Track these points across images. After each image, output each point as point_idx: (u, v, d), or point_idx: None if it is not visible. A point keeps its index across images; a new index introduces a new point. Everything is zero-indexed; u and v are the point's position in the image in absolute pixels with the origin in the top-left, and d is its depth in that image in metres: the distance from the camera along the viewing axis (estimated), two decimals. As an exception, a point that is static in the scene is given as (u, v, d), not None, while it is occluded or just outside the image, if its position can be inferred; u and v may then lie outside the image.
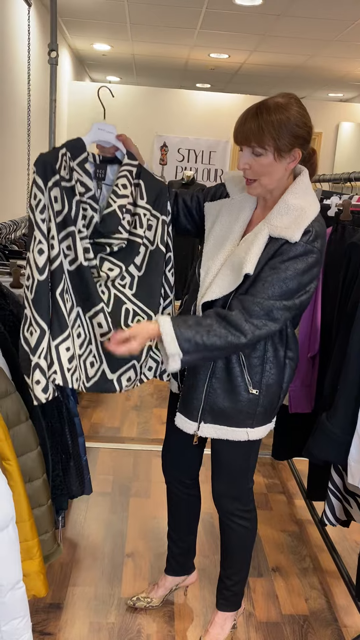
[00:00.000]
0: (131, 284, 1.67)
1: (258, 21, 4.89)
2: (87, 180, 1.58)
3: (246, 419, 1.66)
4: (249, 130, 1.48)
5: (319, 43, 5.46)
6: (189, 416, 1.69)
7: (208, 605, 2.08)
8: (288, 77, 7.06)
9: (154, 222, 1.69)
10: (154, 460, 3.04)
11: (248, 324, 1.48)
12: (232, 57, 6.33)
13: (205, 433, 1.69)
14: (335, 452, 1.82)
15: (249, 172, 1.54)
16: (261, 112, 1.47)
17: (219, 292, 1.56)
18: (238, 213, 1.64)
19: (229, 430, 1.67)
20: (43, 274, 1.53)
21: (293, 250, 1.49)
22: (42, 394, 1.56)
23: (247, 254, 1.52)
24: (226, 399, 1.63)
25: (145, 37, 5.81)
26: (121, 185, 1.63)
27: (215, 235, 1.65)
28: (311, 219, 1.51)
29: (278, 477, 3.02)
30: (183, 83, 8.23)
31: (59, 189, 1.53)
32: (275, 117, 1.46)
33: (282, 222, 1.51)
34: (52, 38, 3.38)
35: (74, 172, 1.56)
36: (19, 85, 4.16)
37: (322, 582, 2.26)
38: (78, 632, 1.92)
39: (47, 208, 1.53)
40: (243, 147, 1.52)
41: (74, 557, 2.28)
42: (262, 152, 1.49)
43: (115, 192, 1.62)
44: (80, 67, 7.73)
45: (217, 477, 1.80)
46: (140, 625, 1.97)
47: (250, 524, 1.83)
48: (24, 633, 1.44)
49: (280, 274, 1.49)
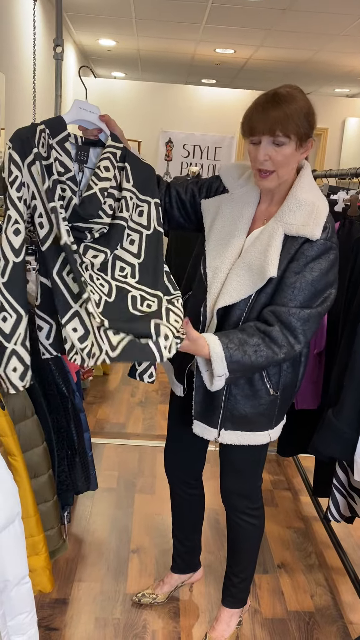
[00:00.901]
0: (133, 273, 1.57)
1: (264, 16, 4.86)
2: (66, 160, 1.48)
3: (268, 422, 1.65)
4: (274, 118, 1.41)
5: (325, 38, 5.42)
6: (208, 423, 1.64)
7: (213, 602, 2.08)
8: (294, 72, 7.02)
9: (144, 207, 1.59)
10: (159, 457, 3.04)
11: (287, 341, 1.48)
12: (238, 53, 6.30)
13: (227, 440, 1.65)
14: (340, 449, 1.82)
15: (269, 164, 1.47)
16: (281, 101, 1.42)
17: (236, 296, 1.52)
18: (241, 209, 1.60)
19: (251, 435, 1.64)
20: (19, 256, 1.44)
21: (314, 248, 1.47)
22: (19, 382, 1.46)
23: (266, 257, 1.48)
24: (247, 404, 1.60)
25: (151, 33, 5.79)
26: (103, 167, 1.53)
27: (218, 233, 1.60)
28: (326, 214, 1.49)
29: (283, 474, 3.02)
30: (188, 79, 8.20)
31: (39, 163, 1.43)
32: (296, 105, 1.43)
33: (296, 219, 1.49)
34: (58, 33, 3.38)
35: (52, 150, 1.46)
36: (24, 81, 4.15)
37: (327, 579, 2.25)
38: (84, 627, 1.93)
39: (27, 186, 1.44)
40: (262, 138, 1.45)
41: (80, 553, 2.29)
42: (285, 142, 1.44)
43: (97, 175, 1.52)
44: (85, 62, 7.71)
45: (227, 476, 1.78)
46: (146, 621, 1.97)
47: (258, 522, 1.82)
48: (30, 628, 1.44)
49: (307, 276, 1.47)
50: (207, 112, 7.51)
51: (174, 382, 1.77)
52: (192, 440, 1.83)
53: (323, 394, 2.17)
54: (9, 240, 1.43)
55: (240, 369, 1.48)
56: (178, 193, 1.68)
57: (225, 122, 7.50)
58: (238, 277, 1.52)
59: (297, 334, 1.48)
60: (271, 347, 1.47)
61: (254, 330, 1.49)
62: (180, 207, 1.69)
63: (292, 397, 1.69)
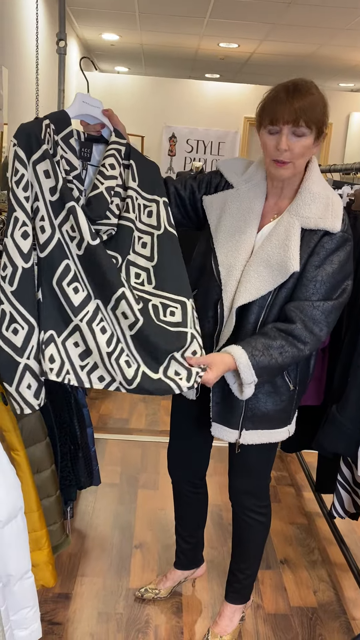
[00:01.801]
0: (149, 279, 1.49)
1: (268, 9, 4.84)
2: (72, 158, 1.40)
3: (287, 417, 1.65)
4: (299, 108, 1.39)
5: (329, 32, 5.39)
6: (228, 424, 1.62)
7: (216, 597, 2.08)
8: (298, 66, 7.00)
9: (153, 207, 1.53)
10: (162, 452, 3.03)
11: (312, 335, 1.48)
12: (242, 47, 6.28)
13: (248, 440, 1.63)
14: (345, 445, 1.81)
15: (288, 154, 1.44)
16: (304, 91, 1.41)
17: (256, 293, 1.50)
18: (249, 204, 1.57)
19: (272, 432, 1.64)
20: (28, 262, 1.33)
21: (334, 241, 1.48)
22: (35, 400, 1.37)
23: (287, 251, 1.47)
24: (268, 401, 1.59)
25: (154, 27, 5.76)
26: (109, 165, 1.45)
27: (227, 230, 1.57)
28: (342, 206, 1.49)
29: (287, 470, 3.02)
30: (192, 73, 8.17)
31: (49, 161, 1.34)
32: (317, 96, 1.42)
33: (312, 212, 1.48)
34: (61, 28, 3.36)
35: (58, 147, 1.38)
36: (27, 75, 4.14)
37: (330, 575, 2.25)
38: (86, 622, 1.93)
39: (31, 186, 1.34)
40: (284, 127, 1.41)
41: (82, 548, 2.29)
42: (306, 133, 1.42)
43: (103, 173, 1.44)
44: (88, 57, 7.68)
45: (238, 474, 1.76)
46: (149, 616, 1.97)
47: (265, 519, 1.82)
48: (33, 622, 1.45)
49: (327, 269, 1.47)
50: (210, 106, 7.49)
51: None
52: (199, 441, 1.83)
53: (326, 390, 2.16)
54: (17, 244, 1.32)
55: (268, 373, 1.49)
56: (177, 189, 1.65)
57: (228, 117, 7.48)
58: (256, 274, 1.50)
59: (322, 326, 1.49)
60: (296, 345, 1.48)
61: (276, 332, 1.48)
62: (179, 204, 1.65)
63: (306, 389, 1.70)
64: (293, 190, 1.55)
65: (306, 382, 1.68)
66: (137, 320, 1.38)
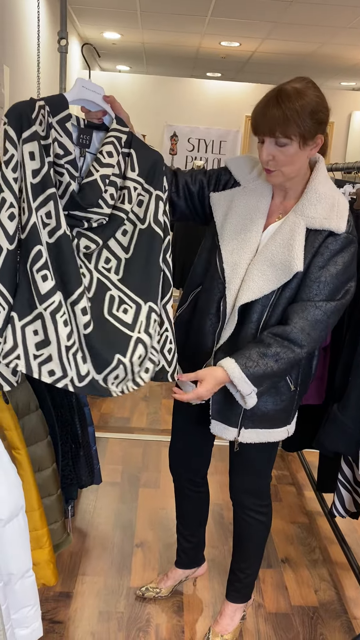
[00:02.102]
0: (117, 268, 1.45)
1: (270, 8, 4.83)
2: (66, 142, 1.36)
3: (286, 417, 1.65)
4: (272, 120, 1.39)
5: (331, 30, 5.38)
6: (227, 422, 1.63)
7: (217, 596, 2.08)
8: (300, 65, 6.98)
9: (145, 198, 1.48)
10: (164, 451, 3.04)
11: (308, 337, 1.47)
12: (244, 45, 6.27)
13: (247, 439, 1.63)
14: (346, 444, 1.81)
15: (272, 164, 1.46)
16: (282, 100, 1.38)
17: (259, 292, 1.50)
18: (256, 203, 1.57)
19: (271, 432, 1.64)
20: (13, 243, 1.31)
21: (338, 242, 1.47)
22: (12, 377, 1.38)
23: (291, 251, 1.47)
24: (268, 401, 1.59)
25: (156, 26, 5.76)
26: (106, 152, 1.42)
27: (233, 228, 1.57)
28: (347, 207, 1.49)
29: (288, 469, 3.01)
30: (193, 72, 8.16)
31: (37, 143, 1.31)
32: (298, 103, 1.38)
33: (317, 213, 1.47)
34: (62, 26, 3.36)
35: (51, 130, 1.34)
36: (29, 74, 4.14)
37: (331, 574, 2.25)
38: (87, 621, 1.93)
39: (20, 165, 1.31)
40: (265, 138, 1.44)
41: (84, 547, 2.29)
42: (287, 142, 1.41)
43: (99, 160, 1.41)
44: (89, 56, 7.68)
45: (239, 474, 1.76)
46: (150, 615, 1.97)
47: (266, 518, 1.82)
48: (34, 621, 1.45)
49: (331, 270, 1.47)
50: (212, 105, 7.49)
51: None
52: (201, 439, 1.83)
53: (328, 389, 2.16)
54: (3, 226, 1.30)
55: (267, 381, 1.49)
56: (187, 183, 1.63)
57: (230, 116, 7.48)
58: (260, 273, 1.50)
59: (322, 327, 1.48)
60: (292, 349, 1.47)
61: (271, 338, 1.48)
62: (188, 197, 1.64)
63: (307, 389, 1.70)
64: (299, 191, 1.55)
65: (308, 382, 1.68)
66: (91, 322, 1.37)
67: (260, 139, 1.46)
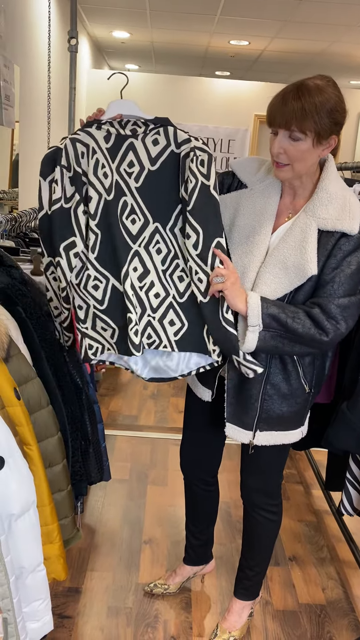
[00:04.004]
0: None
1: (279, 6, 4.82)
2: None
3: (300, 419, 1.65)
4: (291, 112, 1.37)
5: (340, 29, 5.37)
6: (242, 425, 1.62)
7: (225, 593, 2.09)
8: (309, 64, 6.97)
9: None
10: (171, 449, 3.05)
11: (329, 323, 1.45)
12: (253, 44, 6.26)
13: (262, 441, 1.63)
14: (355, 442, 1.81)
15: (283, 157, 1.44)
16: (302, 94, 1.37)
17: (271, 295, 1.48)
18: (264, 204, 1.55)
19: (286, 434, 1.64)
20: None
21: (351, 243, 1.45)
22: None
23: (304, 254, 1.45)
24: (283, 404, 1.59)
25: (165, 25, 5.76)
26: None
27: (241, 231, 1.55)
28: (359, 206, 1.47)
29: (295, 468, 3.02)
30: (202, 71, 8.16)
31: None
32: (318, 99, 1.37)
33: (329, 214, 1.46)
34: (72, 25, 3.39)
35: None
36: (39, 73, 4.16)
37: (339, 572, 2.26)
38: (96, 616, 1.95)
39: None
40: (279, 131, 1.42)
41: (92, 543, 2.31)
42: (301, 137, 1.40)
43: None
44: (99, 55, 7.70)
45: (251, 473, 1.76)
46: (158, 611, 1.98)
47: (277, 517, 1.82)
48: (45, 615, 1.46)
49: (346, 270, 1.45)
50: (220, 104, 7.48)
51: (199, 386, 1.73)
52: (212, 440, 1.83)
53: (337, 388, 2.16)
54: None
55: (276, 327, 1.45)
56: None
57: (239, 115, 7.46)
58: (272, 276, 1.49)
59: (338, 319, 1.46)
60: (312, 320, 1.45)
61: (295, 307, 1.48)
62: None
63: (320, 390, 1.69)
64: (308, 190, 1.53)
65: (321, 384, 1.67)
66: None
67: (274, 130, 1.44)
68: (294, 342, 1.48)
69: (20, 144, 3.78)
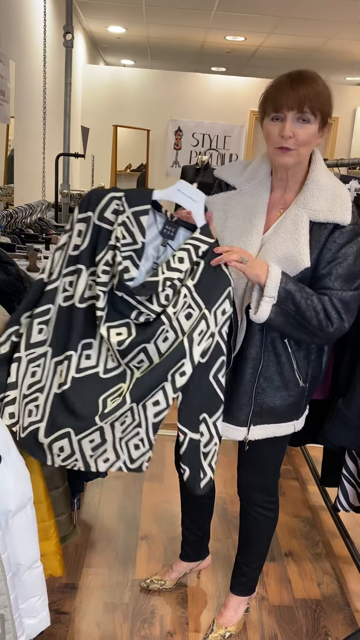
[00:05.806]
0: (144, 370, 1.45)
1: (275, 2, 4.82)
2: (136, 232, 1.40)
3: (294, 413, 1.65)
4: (304, 94, 1.39)
5: (336, 25, 5.37)
6: (236, 422, 1.62)
7: (221, 589, 2.10)
8: (305, 60, 6.97)
9: (195, 313, 1.43)
10: (167, 445, 3.05)
11: (336, 315, 1.46)
12: (249, 40, 6.25)
13: (256, 435, 1.63)
14: (350, 438, 1.82)
15: (292, 141, 1.42)
16: (309, 79, 1.41)
17: None
18: (254, 203, 1.55)
19: (278, 427, 1.64)
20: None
21: (344, 235, 1.46)
22: None
23: (297, 247, 1.46)
24: (276, 396, 1.59)
25: (161, 20, 5.75)
26: (178, 258, 1.41)
27: (233, 231, 1.55)
28: (350, 198, 1.47)
29: (291, 464, 3.03)
30: (198, 67, 8.15)
31: (86, 224, 1.43)
32: (321, 85, 1.43)
33: (320, 205, 1.46)
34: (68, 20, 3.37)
35: (121, 216, 1.40)
36: (34, 68, 4.14)
37: (334, 568, 2.27)
38: (93, 611, 1.95)
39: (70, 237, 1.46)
40: (288, 114, 1.41)
41: (89, 539, 2.31)
42: (311, 119, 1.41)
43: (169, 263, 1.41)
44: (94, 50, 7.67)
45: (249, 470, 1.77)
46: (154, 607, 1.99)
47: (273, 514, 1.83)
48: (41, 611, 1.46)
49: (342, 262, 1.46)
50: (216, 100, 7.47)
51: None
52: None
53: (333, 384, 2.17)
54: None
55: (289, 303, 1.44)
56: None
57: (235, 111, 7.46)
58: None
59: (341, 313, 1.46)
60: (323, 307, 1.45)
61: (310, 290, 1.48)
62: None
63: (316, 386, 1.69)
64: (298, 183, 1.54)
65: (317, 380, 1.67)
66: (66, 383, 1.43)
67: (279, 116, 1.43)
68: (299, 324, 1.47)
69: (16, 140, 3.77)
